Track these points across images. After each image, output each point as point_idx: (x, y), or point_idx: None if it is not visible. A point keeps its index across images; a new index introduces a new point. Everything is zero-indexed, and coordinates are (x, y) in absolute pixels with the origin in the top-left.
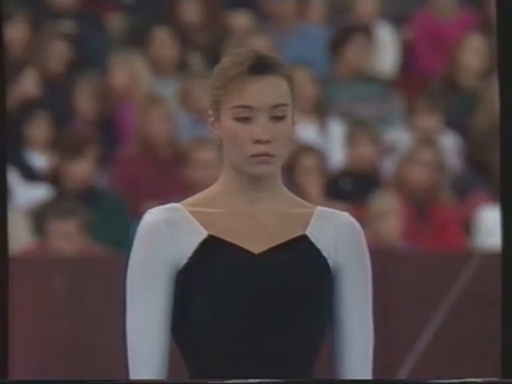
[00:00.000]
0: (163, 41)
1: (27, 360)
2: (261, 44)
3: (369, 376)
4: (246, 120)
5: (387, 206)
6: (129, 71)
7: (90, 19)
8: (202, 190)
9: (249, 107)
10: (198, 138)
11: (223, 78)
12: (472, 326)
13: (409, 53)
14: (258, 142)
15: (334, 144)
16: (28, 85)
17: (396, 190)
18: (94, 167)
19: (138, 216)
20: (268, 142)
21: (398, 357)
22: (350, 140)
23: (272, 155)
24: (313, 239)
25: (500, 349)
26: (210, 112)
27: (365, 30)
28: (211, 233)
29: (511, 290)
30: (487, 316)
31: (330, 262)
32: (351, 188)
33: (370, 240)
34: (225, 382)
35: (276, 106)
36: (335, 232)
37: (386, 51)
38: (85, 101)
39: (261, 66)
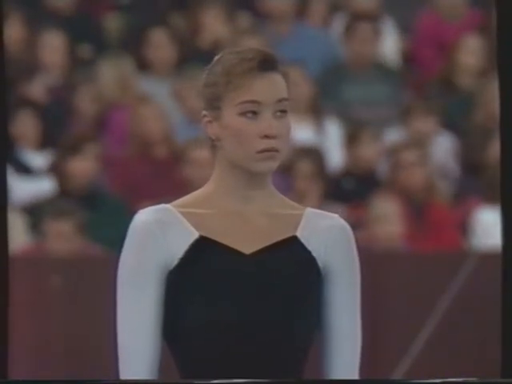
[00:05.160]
0: (159, 41)
1: (25, 360)
2: (257, 44)
3: (355, 376)
4: (252, 116)
5: (387, 209)
6: (122, 72)
7: (85, 19)
8: (198, 189)
9: (256, 102)
10: (195, 138)
11: (230, 75)
12: (469, 326)
13: (410, 54)
14: (266, 137)
15: (331, 144)
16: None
17: (393, 191)
18: (93, 165)
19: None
20: (275, 137)
21: (394, 357)
22: (350, 140)
23: (278, 151)
24: (303, 240)
25: (498, 349)
26: (205, 112)
27: (370, 18)
28: (202, 233)
29: (510, 290)
30: (484, 316)
31: (320, 263)
32: (352, 188)
33: (368, 242)
34: (225, 382)
35: (280, 101)
36: (325, 233)
37: (386, 46)
38: (80, 101)
39: (267, 63)
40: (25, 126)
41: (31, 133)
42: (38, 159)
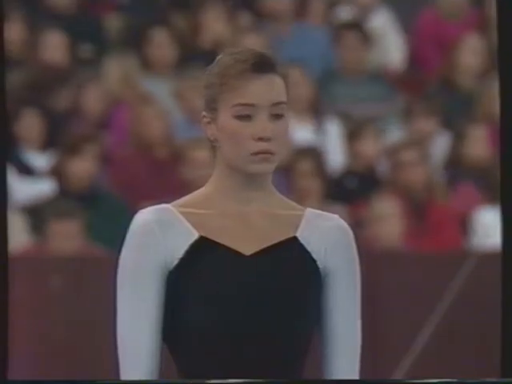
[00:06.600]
0: (161, 41)
1: (25, 360)
2: (257, 44)
3: (355, 377)
4: (247, 118)
5: (387, 208)
6: (124, 71)
7: (86, 19)
8: (198, 189)
9: (251, 105)
10: (194, 138)
11: (224, 76)
12: (469, 326)
13: (411, 53)
14: (261, 139)
15: (331, 143)
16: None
17: (393, 190)
18: (93, 165)
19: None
20: (269, 139)
21: (395, 357)
22: (351, 136)
23: (273, 153)
24: (303, 241)
25: (499, 349)
26: (204, 113)
27: (358, 25)
28: (202, 234)
29: (510, 290)
30: (484, 316)
31: (320, 264)
32: (353, 187)
33: (368, 241)
34: (224, 382)
35: (276, 104)
36: (325, 234)
37: (386, 41)
38: (82, 101)
39: (263, 64)
40: (29, 126)
41: (35, 133)
42: (40, 160)
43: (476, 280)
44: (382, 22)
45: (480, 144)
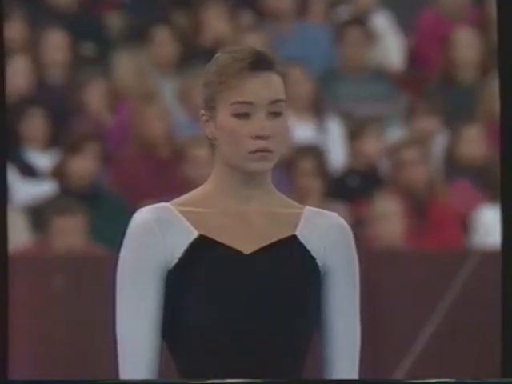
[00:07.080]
0: (162, 39)
1: (25, 360)
2: (259, 42)
3: (354, 376)
4: (245, 116)
5: (389, 207)
6: (136, 67)
7: (88, 18)
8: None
9: (249, 103)
10: (195, 136)
11: (222, 75)
12: (470, 325)
13: (412, 53)
14: (259, 137)
15: (333, 142)
16: (21, 80)
17: (395, 189)
18: (94, 164)
19: None
20: (267, 137)
21: (395, 357)
22: (353, 135)
23: (271, 151)
24: (302, 240)
25: (499, 349)
26: (203, 111)
27: (360, 22)
28: (202, 232)
29: (510, 289)
30: (486, 315)
31: (319, 263)
32: (354, 186)
33: (370, 240)
34: (224, 382)
35: (274, 102)
36: (324, 233)
37: (386, 41)
38: (84, 100)
39: (260, 63)
40: (33, 126)
41: (39, 133)
42: (42, 160)
43: (477, 279)
44: (383, 23)
45: (480, 142)
